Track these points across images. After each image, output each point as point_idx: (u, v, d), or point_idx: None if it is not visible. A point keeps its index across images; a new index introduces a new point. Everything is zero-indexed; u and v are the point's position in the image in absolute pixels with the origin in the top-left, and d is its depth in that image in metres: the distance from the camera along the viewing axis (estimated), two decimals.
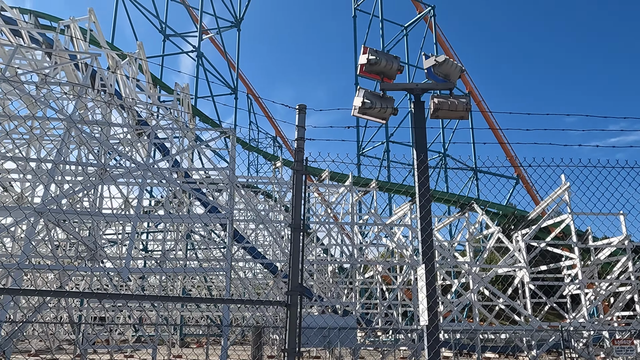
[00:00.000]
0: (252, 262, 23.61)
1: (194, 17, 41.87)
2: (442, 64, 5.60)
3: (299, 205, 4.70)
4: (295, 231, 4.64)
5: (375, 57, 5.51)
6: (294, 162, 4.77)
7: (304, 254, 4.78)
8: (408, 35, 43.68)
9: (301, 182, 4.74)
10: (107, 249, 23.34)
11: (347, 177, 19.22)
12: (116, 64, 19.56)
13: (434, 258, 4.80)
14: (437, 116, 5.61)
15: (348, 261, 17.78)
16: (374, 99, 5.50)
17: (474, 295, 17.15)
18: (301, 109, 4.86)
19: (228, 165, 16.84)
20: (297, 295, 4.52)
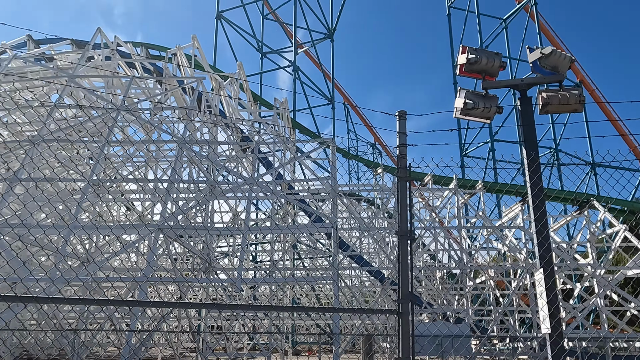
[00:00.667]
0: (358, 270, 23.63)
1: (288, 33, 43.14)
2: (549, 56, 5.25)
3: (404, 212, 4.62)
4: (402, 238, 4.56)
5: (475, 56, 5.29)
6: (397, 168, 4.70)
7: (413, 260, 4.69)
8: (507, 28, 41.70)
9: (405, 189, 4.66)
10: (220, 260, 24.56)
11: (450, 180, 18.66)
12: (219, 85, 20.62)
13: (552, 262, 4.47)
14: (546, 111, 5.25)
15: (457, 266, 17.19)
16: (476, 99, 5.28)
17: (601, 300, 15.83)
18: (401, 115, 4.78)
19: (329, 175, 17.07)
20: (408, 303, 4.44)
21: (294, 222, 20.09)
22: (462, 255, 17.10)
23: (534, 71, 5.39)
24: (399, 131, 4.76)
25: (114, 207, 19.40)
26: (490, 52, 5.47)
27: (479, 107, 5.23)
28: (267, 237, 25.38)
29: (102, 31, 18.93)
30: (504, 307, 17.70)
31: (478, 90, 5.47)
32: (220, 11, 38.90)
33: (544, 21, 40.71)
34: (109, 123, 14.38)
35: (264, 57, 41.68)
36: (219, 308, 9.39)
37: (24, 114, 15.88)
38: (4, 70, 15.58)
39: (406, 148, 4.77)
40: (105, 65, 18.84)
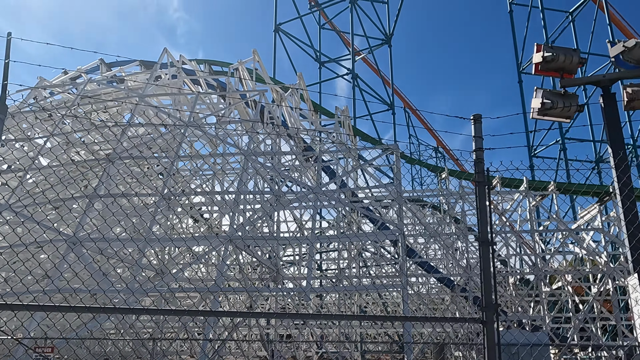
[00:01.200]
0: (425, 277, 23.19)
1: (345, 41, 43.28)
2: (633, 49, 4.95)
3: (484, 218, 4.48)
4: (483, 245, 4.42)
5: (551, 54, 5.07)
6: (475, 173, 4.57)
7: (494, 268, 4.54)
8: (575, 21, 39.86)
9: (484, 194, 4.52)
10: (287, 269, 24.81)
11: (520, 182, 17.99)
12: (280, 96, 20.95)
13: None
14: (632, 107, 4.95)
15: (532, 272, 16.51)
16: (554, 98, 5.06)
17: None
18: (476, 119, 4.65)
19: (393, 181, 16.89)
20: (492, 312, 4.29)
21: (359, 230, 20.01)
22: (536, 260, 16.40)
23: (616, 66, 5.09)
24: (475, 135, 4.63)
25: (184, 220, 20.06)
26: (567, 48, 5.23)
27: (558, 106, 5.01)
28: (332, 245, 25.43)
29: (168, 51, 19.70)
30: (584, 314, 16.81)
31: (557, 90, 5.25)
32: (278, 24, 39.63)
33: (615, 11, 38.63)
34: (178, 139, 14.92)
35: (322, 66, 42.03)
36: (290, 317, 9.48)
37: (100, 134, 16.75)
38: (81, 93, 16.52)
39: (483, 152, 4.63)
40: (172, 83, 19.59)
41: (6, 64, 5.06)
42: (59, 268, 10.64)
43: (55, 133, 14.53)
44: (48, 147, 14.67)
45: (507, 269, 20.79)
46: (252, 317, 8.28)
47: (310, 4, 42.92)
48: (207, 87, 23.27)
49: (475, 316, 10.50)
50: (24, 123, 15.36)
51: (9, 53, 5.19)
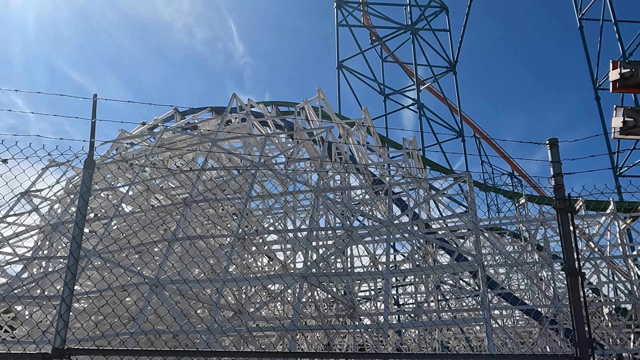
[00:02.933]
0: (509, 309, 22.08)
1: (408, 72, 43.31)
2: None
3: (570, 247, 4.21)
4: (571, 276, 4.15)
5: (630, 70, 4.78)
6: (555, 200, 4.34)
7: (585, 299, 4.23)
8: None
9: (568, 222, 4.26)
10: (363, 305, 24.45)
11: (607, 204, 16.89)
12: (347, 132, 21.11)
13: None
14: None
15: (628, 300, 15.27)
16: (637, 116, 4.74)
17: None
18: (552, 144, 4.44)
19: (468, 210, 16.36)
20: (587, 348, 3.97)
21: (435, 262, 19.47)
22: (632, 287, 15.18)
23: None
24: (552, 160, 4.41)
25: (259, 259, 20.37)
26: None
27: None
28: (408, 279, 24.86)
29: (237, 96, 20.50)
30: None
31: (638, 106, 4.91)
32: (341, 61, 40.33)
33: None
34: (249, 180, 15.31)
35: (387, 98, 42.20)
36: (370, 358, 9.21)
37: (176, 179, 17.53)
38: (159, 142, 17.44)
39: (562, 177, 4.40)
40: (241, 127, 20.28)
41: (93, 124, 5.41)
42: (144, 311, 11.04)
43: (136, 182, 15.34)
44: (130, 195, 15.50)
45: (600, 298, 19.40)
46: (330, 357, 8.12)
47: (371, 39, 43.51)
48: (275, 127, 23.90)
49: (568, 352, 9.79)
50: (107, 173, 16.36)
51: (95, 113, 5.54)
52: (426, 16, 40.87)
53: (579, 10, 38.98)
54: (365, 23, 44.10)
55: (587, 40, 38.21)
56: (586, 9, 38.79)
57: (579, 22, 38.67)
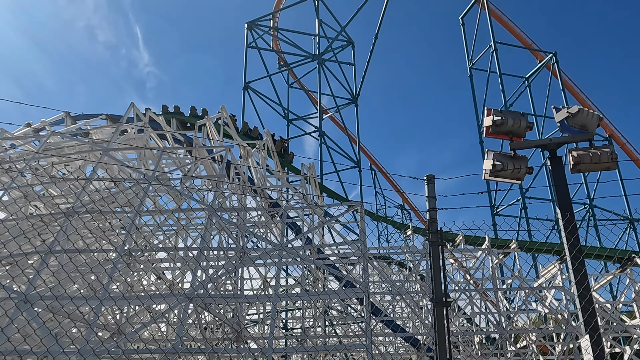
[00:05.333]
0: (391, 337, 22.88)
1: (313, 100, 44.30)
2: (576, 115, 5.21)
3: (438, 278, 4.49)
4: (437, 305, 4.41)
5: (501, 118, 5.29)
6: (428, 233, 4.62)
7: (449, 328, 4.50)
8: (531, 86, 42.03)
9: (438, 254, 4.56)
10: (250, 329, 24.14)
11: (483, 240, 18.23)
12: (247, 152, 21.04)
13: (598, 327, 4.23)
14: (578, 170, 5.16)
15: (496, 331, 16.48)
16: (505, 160, 5.24)
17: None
18: (429, 180, 4.75)
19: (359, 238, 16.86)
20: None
21: (324, 288, 19.76)
22: (500, 319, 16.42)
23: (562, 130, 5.34)
24: (428, 195, 4.71)
25: (144, 277, 19.46)
26: (516, 112, 5.47)
27: (508, 168, 5.17)
28: (297, 303, 24.98)
29: (135, 105, 19.71)
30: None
31: (507, 152, 5.43)
32: (247, 82, 40.35)
33: (567, 78, 40.97)
34: (140, 194, 14.68)
35: (290, 124, 42.74)
36: None
37: (59, 188, 16.37)
38: (43, 146, 16.24)
39: (436, 212, 4.70)
40: (137, 137, 19.48)
41: None
42: (7, 329, 10.08)
43: (12, 187, 14.13)
44: (4, 201, 14.22)
45: (472, 327, 20.70)
46: None
47: (279, 64, 44.05)
48: (174, 142, 23.24)
49: None
50: None
51: None
52: (333, 48, 42.25)
53: (470, 60, 42.32)
54: (274, 47, 44.65)
55: (476, 87, 41.53)
56: (476, 60, 42.22)
57: (469, 70, 41.95)
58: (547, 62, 41.34)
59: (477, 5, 43.11)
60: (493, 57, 39.99)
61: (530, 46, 42.75)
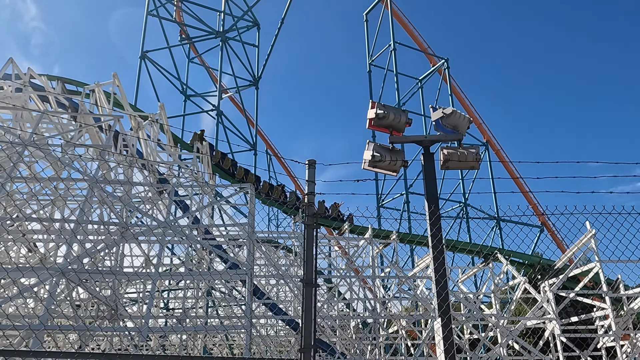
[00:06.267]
0: (273, 319, 23.25)
1: (213, 78, 43.33)
2: (450, 116, 5.66)
3: (310, 260, 4.68)
4: (307, 286, 4.59)
5: (383, 112, 5.59)
6: (305, 216, 4.79)
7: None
8: (423, 87, 44.37)
9: (312, 237, 4.74)
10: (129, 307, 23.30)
11: (366, 229, 19.08)
12: (138, 124, 20.16)
13: (449, 311, 4.68)
14: (447, 167, 5.62)
15: (370, 316, 17.39)
16: (383, 152, 5.55)
17: (503, 350, 16.52)
18: (311, 164, 4.92)
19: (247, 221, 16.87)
20: (310, 353, 4.43)
21: (209, 268, 19.58)
22: (375, 305, 17.33)
23: (436, 129, 5.76)
24: (308, 179, 4.88)
25: (13, 248, 18.02)
26: (398, 108, 5.81)
27: (385, 160, 5.49)
28: (182, 283, 24.50)
29: (14, 61, 18.12)
30: (414, 356, 17.95)
31: (386, 145, 5.74)
32: (145, 51, 38.46)
33: (456, 84, 43.78)
34: (14, 158, 13.56)
35: (187, 99, 41.46)
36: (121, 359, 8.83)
37: None
38: None
39: (314, 196, 4.88)
40: (15, 97, 17.92)
41: None
42: None
43: None
44: None
45: (350, 312, 21.63)
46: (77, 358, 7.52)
47: (181, 36, 42.46)
48: (57, 106, 21.65)
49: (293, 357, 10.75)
50: None
51: None
52: (238, 28, 41.52)
53: (370, 56, 43.70)
54: (177, 19, 42.92)
55: (374, 83, 42.99)
56: (376, 57, 43.69)
57: (369, 66, 43.33)
58: (439, 67, 43.86)
59: (381, 3, 44.54)
60: (392, 56, 41.64)
61: (426, 50, 45.08)
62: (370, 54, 43.86)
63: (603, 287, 16.24)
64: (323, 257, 23.91)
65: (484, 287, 20.93)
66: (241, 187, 16.74)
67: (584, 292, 17.45)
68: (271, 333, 26.30)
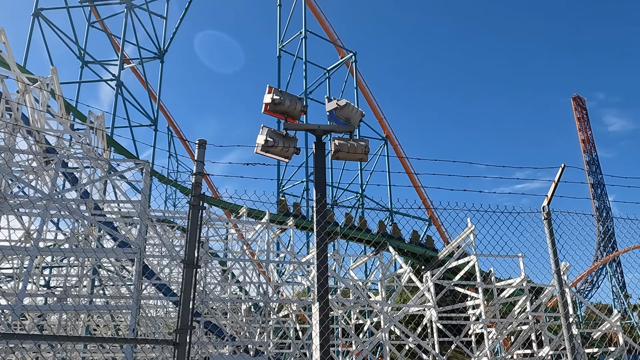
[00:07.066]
0: (164, 300, 22.73)
1: (115, 46, 40.94)
2: (343, 108, 5.84)
3: (193, 240, 4.66)
4: (188, 267, 4.58)
5: (279, 97, 5.65)
6: (191, 196, 4.75)
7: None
8: (330, 78, 45.00)
9: (197, 217, 4.72)
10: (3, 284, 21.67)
11: (264, 214, 19.14)
12: (26, 88, 18.63)
13: (327, 296, 4.88)
14: (337, 157, 5.80)
15: (262, 299, 17.54)
16: (277, 138, 5.62)
17: (385, 335, 17.40)
18: (201, 144, 4.88)
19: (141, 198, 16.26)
20: (186, 334, 4.42)
21: (98, 245, 18.69)
22: (267, 289, 17.51)
23: (329, 120, 5.92)
24: (197, 159, 4.84)
25: None
26: (294, 96, 5.89)
27: (278, 145, 5.56)
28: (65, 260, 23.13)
29: None
30: (303, 340, 18.41)
31: (280, 131, 5.82)
32: (39, 8, 35.46)
33: (361, 78, 44.91)
34: None
35: (85, 66, 38.87)
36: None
37: None
38: None
39: (202, 177, 4.85)
40: None
41: None
42: None
43: None
44: None
45: (243, 295, 21.67)
46: None
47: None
48: None
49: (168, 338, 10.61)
50: None
51: None
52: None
53: (281, 41, 43.50)
54: None
55: (282, 69, 42.85)
56: (287, 42, 43.58)
57: (279, 51, 43.13)
58: (347, 59, 44.70)
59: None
60: (302, 44, 41.72)
61: (336, 42, 45.71)
62: (281, 39, 43.64)
63: (477, 278, 17.62)
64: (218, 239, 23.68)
65: (372, 275, 21.87)
66: (136, 162, 16.11)
67: (461, 282, 18.83)
68: (161, 314, 25.69)
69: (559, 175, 6.11)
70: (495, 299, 18.72)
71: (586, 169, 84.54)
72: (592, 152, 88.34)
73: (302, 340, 18.46)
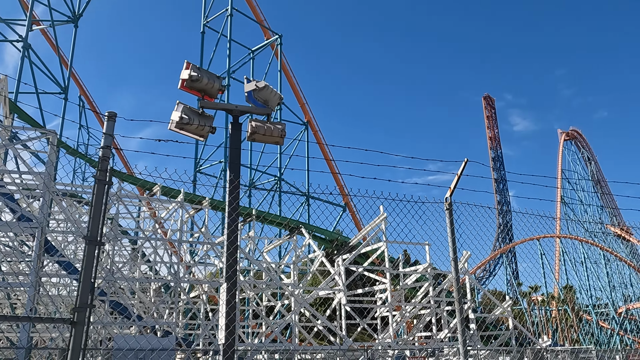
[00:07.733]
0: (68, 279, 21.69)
1: (23, 4, 37.95)
2: (262, 90, 5.83)
3: (97, 217, 4.51)
4: (90, 244, 4.42)
5: (197, 74, 5.55)
6: (97, 171, 4.58)
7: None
8: (255, 59, 44.37)
9: (102, 193, 4.56)
10: None
11: (178, 193, 18.71)
12: None
13: (235, 277, 4.90)
14: (253, 139, 5.80)
15: (172, 279, 17.20)
16: (192, 116, 5.51)
17: (295, 317, 17.69)
18: (110, 117, 4.71)
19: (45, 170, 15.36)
20: (85, 312, 4.29)
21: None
22: (178, 269, 17.19)
23: (247, 101, 5.90)
24: (106, 132, 4.67)
25: None
26: (212, 74, 5.80)
27: (193, 123, 5.47)
28: None
29: None
30: (213, 321, 18.30)
31: (197, 109, 5.71)
32: None
33: (286, 61, 44.67)
34: None
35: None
36: None
37: None
38: None
39: (110, 150, 4.70)
40: None
41: None
42: None
43: None
44: None
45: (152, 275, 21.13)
46: None
47: None
48: None
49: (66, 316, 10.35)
50: None
51: None
52: None
53: (205, 17, 42.18)
54: None
55: (206, 45, 41.63)
56: (212, 19, 42.33)
57: (203, 27, 41.82)
58: (272, 41, 44.24)
59: None
60: (227, 22, 40.70)
61: (262, 22, 45.02)
62: (206, 15, 42.32)
63: (386, 264, 18.33)
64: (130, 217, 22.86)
65: (286, 258, 22.09)
66: (42, 131, 15.16)
67: (370, 267, 19.50)
68: (64, 293, 24.50)
69: (461, 169, 6.48)
70: (402, 284, 19.57)
71: (491, 165, 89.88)
72: (497, 149, 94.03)
73: (212, 322, 18.34)
